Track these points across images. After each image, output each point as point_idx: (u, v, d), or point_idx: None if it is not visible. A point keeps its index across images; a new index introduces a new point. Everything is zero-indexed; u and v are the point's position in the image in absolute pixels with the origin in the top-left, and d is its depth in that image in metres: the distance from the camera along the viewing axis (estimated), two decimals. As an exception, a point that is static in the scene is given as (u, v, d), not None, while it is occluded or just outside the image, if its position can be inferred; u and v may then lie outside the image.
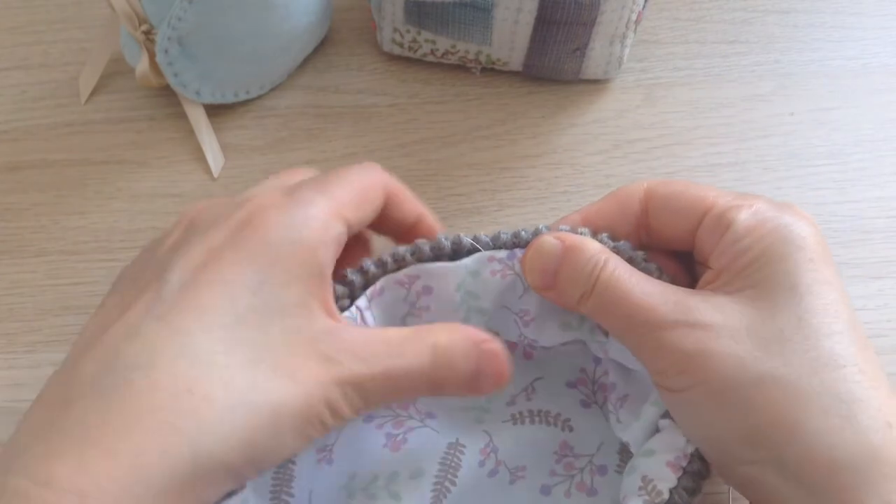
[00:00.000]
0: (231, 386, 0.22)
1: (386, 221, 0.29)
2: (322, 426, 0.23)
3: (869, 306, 0.38)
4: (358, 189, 0.27)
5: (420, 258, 0.28)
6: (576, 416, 0.32)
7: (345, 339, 0.24)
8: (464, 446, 0.31)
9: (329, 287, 0.25)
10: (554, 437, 0.32)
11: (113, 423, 0.20)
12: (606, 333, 0.29)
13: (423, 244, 0.28)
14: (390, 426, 0.31)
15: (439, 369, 0.25)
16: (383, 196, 0.28)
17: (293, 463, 0.30)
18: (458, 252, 0.28)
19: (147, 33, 0.39)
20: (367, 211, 0.27)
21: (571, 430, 0.32)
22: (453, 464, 0.31)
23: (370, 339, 0.25)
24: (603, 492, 0.31)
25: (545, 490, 0.31)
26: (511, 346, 0.31)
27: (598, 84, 0.45)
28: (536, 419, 0.32)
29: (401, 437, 0.31)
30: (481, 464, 0.31)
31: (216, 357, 0.22)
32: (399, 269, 0.28)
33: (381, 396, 0.25)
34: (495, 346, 0.26)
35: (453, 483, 0.30)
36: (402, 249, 0.28)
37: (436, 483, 0.30)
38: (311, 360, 0.23)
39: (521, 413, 0.32)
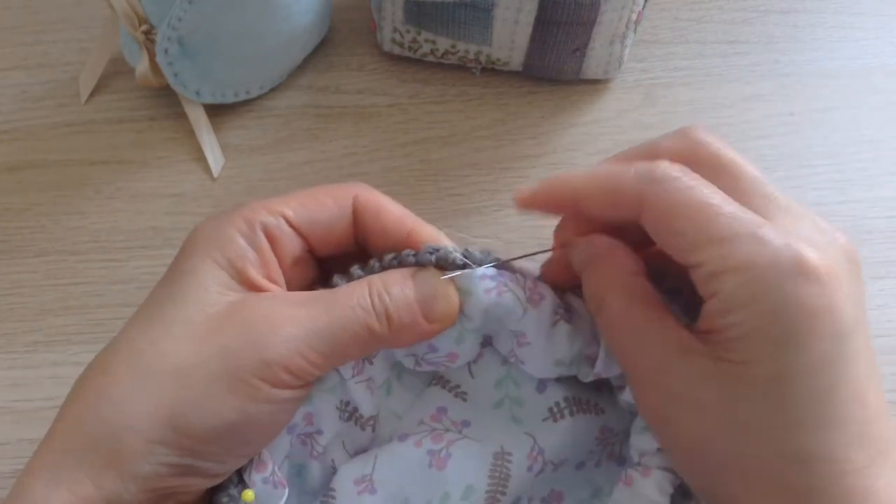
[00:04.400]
0: (138, 362, 0.24)
1: (371, 236, 0.28)
2: (258, 388, 0.24)
3: (869, 306, 0.37)
4: (305, 194, 0.28)
5: (403, 265, 0.27)
6: (598, 398, 0.32)
7: (272, 300, 0.25)
8: (510, 454, 0.30)
9: (256, 267, 0.26)
10: (593, 424, 0.31)
11: (61, 415, 0.24)
12: (593, 365, 0.29)
13: (408, 254, 0.27)
14: (429, 441, 0.30)
15: (378, 295, 0.26)
16: (347, 202, 0.28)
17: (332, 498, 0.29)
18: (444, 268, 0.27)
19: (147, 33, 0.39)
20: (316, 211, 0.27)
21: (603, 412, 0.31)
22: (503, 475, 0.30)
23: (300, 293, 0.26)
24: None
25: (580, 466, 0.31)
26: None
27: (598, 84, 0.45)
28: (575, 409, 0.31)
29: (443, 452, 0.30)
30: (529, 468, 0.30)
31: (131, 343, 0.24)
32: None
33: (326, 343, 0.25)
34: (430, 271, 0.27)
35: (503, 493, 0.30)
36: (388, 257, 0.27)
37: (487, 497, 0.29)
38: (229, 329, 0.24)
39: (557, 405, 0.31)
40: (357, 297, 0.25)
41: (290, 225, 0.27)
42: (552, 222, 0.41)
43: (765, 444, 0.22)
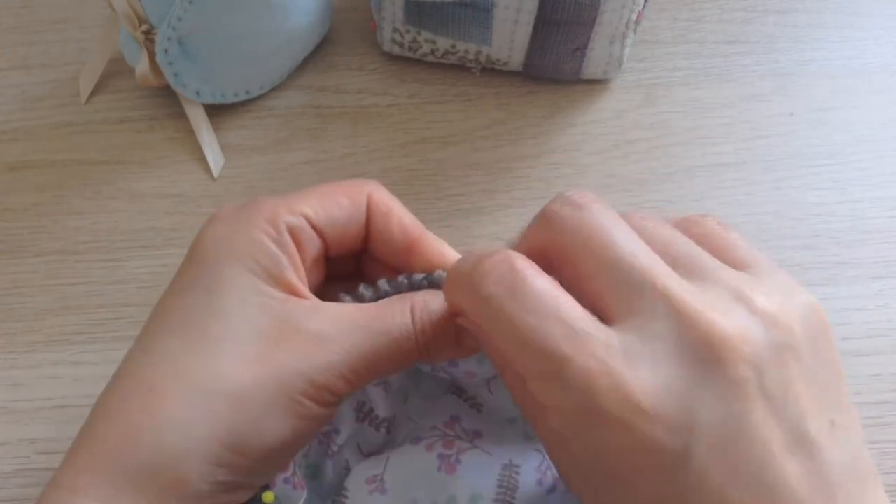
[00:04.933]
0: (193, 382, 0.23)
1: (375, 239, 0.28)
2: (307, 407, 0.24)
3: (869, 306, 0.38)
4: (321, 192, 0.27)
5: (434, 286, 0.27)
6: None
7: (317, 318, 0.25)
8: (518, 466, 0.30)
9: (290, 270, 0.25)
10: None
11: (95, 428, 0.23)
12: None
13: (441, 275, 0.27)
14: (440, 446, 0.30)
15: (421, 324, 0.25)
16: (362, 202, 0.28)
17: (345, 497, 0.30)
18: None
19: (147, 33, 0.39)
20: (336, 211, 0.27)
21: None
22: (510, 485, 0.30)
23: (343, 313, 0.25)
24: None
25: None
26: None
27: (598, 84, 0.45)
28: None
29: (454, 458, 0.30)
30: (539, 482, 0.30)
31: (177, 360, 0.24)
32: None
33: (367, 368, 0.25)
34: None
35: None
36: (419, 276, 0.27)
37: None
38: (281, 350, 0.24)
39: None
40: (402, 324, 0.25)
41: (312, 225, 0.26)
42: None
43: None
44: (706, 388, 0.19)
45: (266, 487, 0.26)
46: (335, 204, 0.27)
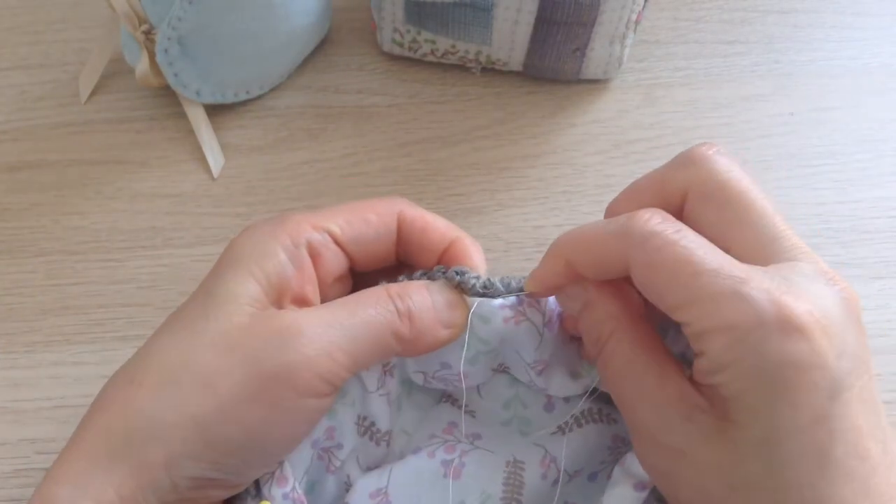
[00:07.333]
0: (165, 372, 0.24)
1: (415, 252, 0.29)
2: (283, 396, 0.24)
3: (869, 306, 0.38)
4: (349, 209, 0.28)
5: (445, 278, 0.28)
6: (613, 410, 0.32)
7: (299, 313, 0.25)
8: (523, 463, 0.30)
9: (295, 284, 0.26)
10: (604, 432, 0.31)
11: (83, 422, 0.24)
12: None
13: (438, 271, 0.28)
14: (442, 452, 0.31)
15: (397, 292, 0.26)
16: (392, 219, 0.28)
17: None
18: (463, 292, 0.28)
19: (147, 33, 0.39)
20: (363, 228, 0.28)
21: (615, 421, 0.31)
22: (517, 482, 0.30)
23: (324, 305, 0.26)
24: None
25: (592, 477, 0.31)
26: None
27: (598, 84, 0.45)
28: (583, 421, 0.31)
29: (457, 461, 0.30)
30: (543, 476, 0.30)
31: (160, 353, 0.25)
32: None
33: (351, 341, 0.25)
34: (442, 282, 0.27)
35: (519, 501, 0.30)
36: (418, 273, 0.28)
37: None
38: (253, 337, 0.24)
39: (566, 423, 0.31)
40: (377, 297, 0.26)
41: (336, 242, 0.27)
42: (551, 223, 0.41)
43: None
44: (851, 327, 0.22)
45: (261, 498, 0.26)
46: (362, 221, 0.28)
